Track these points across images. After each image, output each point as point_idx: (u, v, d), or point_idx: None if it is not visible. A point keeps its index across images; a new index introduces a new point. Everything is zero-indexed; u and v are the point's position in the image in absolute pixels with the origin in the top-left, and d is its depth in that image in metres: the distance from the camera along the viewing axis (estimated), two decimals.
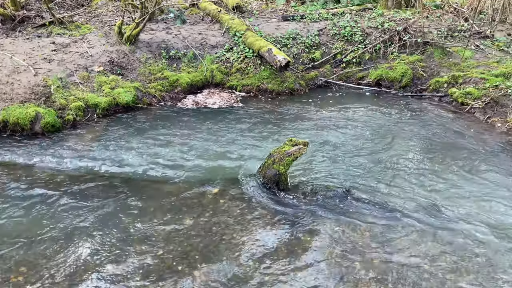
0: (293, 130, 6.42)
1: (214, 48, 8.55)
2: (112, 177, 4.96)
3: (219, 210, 4.39)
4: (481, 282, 3.51)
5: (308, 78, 8.42)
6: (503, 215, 4.37)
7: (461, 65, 8.07)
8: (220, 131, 6.27)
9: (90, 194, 4.60)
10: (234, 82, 8.05)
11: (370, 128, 6.50)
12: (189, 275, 3.52)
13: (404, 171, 5.24)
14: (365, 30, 9.21)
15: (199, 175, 5.04)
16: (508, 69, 7.40)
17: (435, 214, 4.38)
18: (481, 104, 6.95)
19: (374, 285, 3.46)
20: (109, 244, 3.84)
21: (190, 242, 3.89)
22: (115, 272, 3.52)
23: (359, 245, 3.91)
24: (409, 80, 8.19)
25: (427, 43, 8.83)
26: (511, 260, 3.75)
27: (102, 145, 5.70)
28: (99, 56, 7.56)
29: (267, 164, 4.74)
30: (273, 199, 4.57)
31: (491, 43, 8.92)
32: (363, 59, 8.84)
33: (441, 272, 3.61)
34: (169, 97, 7.47)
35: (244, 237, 3.99)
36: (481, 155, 5.66)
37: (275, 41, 8.76)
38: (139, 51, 8.05)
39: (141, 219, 4.19)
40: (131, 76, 7.49)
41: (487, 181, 5.03)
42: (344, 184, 4.90)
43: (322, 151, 5.71)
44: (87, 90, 6.77)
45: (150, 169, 5.13)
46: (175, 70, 8.01)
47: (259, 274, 3.54)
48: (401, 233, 4.09)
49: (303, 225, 4.18)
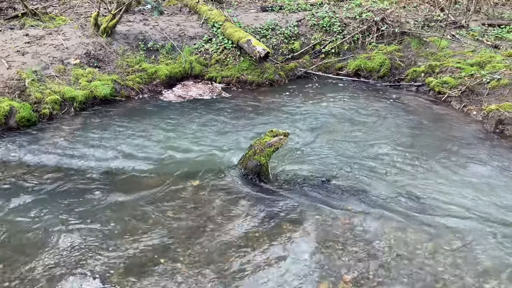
0: (274, 121, 6.43)
1: (193, 39, 8.47)
2: (90, 171, 4.88)
3: (201, 202, 4.38)
4: (459, 267, 3.60)
5: (287, 69, 8.42)
6: (477, 202, 4.49)
7: (438, 55, 8.19)
8: (200, 123, 6.24)
9: (68, 188, 4.53)
10: (213, 73, 8.00)
11: (349, 118, 6.56)
12: (172, 267, 3.51)
13: (383, 160, 5.31)
14: (344, 21, 9.25)
15: (180, 168, 5.00)
16: (482, 58, 7.55)
17: (413, 202, 4.47)
18: (457, 93, 7.08)
19: (355, 273, 3.52)
20: (88, 239, 3.79)
21: (172, 235, 3.88)
22: (96, 267, 3.49)
23: (340, 233, 3.97)
24: (387, 70, 8.29)
25: (404, 33, 8.92)
26: (488, 245, 3.86)
27: (80, 139, 5.61)
28: (75, 49, 7.40)
29: (248, 155, 4.75)
30: (254, 190, 4.59)
31: (466, 33, 9.08)
32: (342, 49, 8.89)
33: (420, 258, 3.69)
34: (147, 89, 7.39)
35: (226, 228, 4.00)
36: (457, 144, 5.78)
37: (254, 32, 8.73)
38: (116, 43, 7.92)
39: (121, 213, 4.15)
40: (108, 68, 7.36)
41: (463, 169, 5.15)
42: (324, 174, 4.94)
43: (303, 141, 5.75)
44: (64, 83, 6.63)
45: (129, 162, 5.07)
46: (153, 62, 7.91)
47: (242, 265, 3.56)
48: (380, 221, 4.16)
49: (285, 215, 4.21)
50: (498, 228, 4.05)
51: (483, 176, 4.98)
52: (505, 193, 4.63)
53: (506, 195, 4.60)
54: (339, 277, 3.46)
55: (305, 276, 3.47)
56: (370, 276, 3.48)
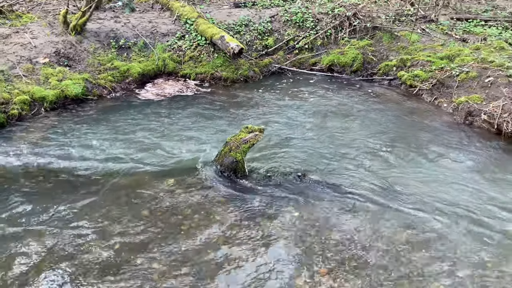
0: (249, 117, 6.43)
1: (165, 36, 8.37)
2: (62, 172, 4.77)
3: (177, 200, 4.34)
4: (434, 255, 3.69)
5: (262, 65, 8.43)
6: (447, 192, 4.60)
7: (409, 49, 8.34)
8: (175, 120, 6.18)
9: (39, 190, 4.42)
10: (187, 70, 7.94)
11: (323, 113, 6.62)
12: (149, 267, 3.48)
13: (357, 153, 5.38)
14: (316, 16, 9.31)
15: (155, 166, 4.95)
16: (451, 51, 7.72)
17: (387, 194, 4.54)
18: (428, 86, 7.22)
19: (332, 265, 3.56)
20: (62, 241, 3.72)
21: (148, 235, 3.84)
22: (71, 269, 3.42)
23: (316, 227, 4.00)
24: (360, 65, 8.39)
25: (376, 27, 9.04)
26: (458, 233, 3.96)
27: (51, 139, 5.47)
28: (43, 47, 7.21)
29: (224, 152, 4.74)
30: (231, 186, 4.58)
31: (435, 27, 9.26)
32: (315, 45, 8.94)
33: (397, 248, 3.76)
34: (120, 87, 7.27)
35: (203, 225, 3.98)
36: (428, 136, 5.91)
37: (228, 28, 8.69)
38: (87, 41, 7.75)
39: (96, 214, 4.07)
40: (79, 67, 7.21)
41: (434, 161, 5.26)
42: (299, 168, 4.97)
43: (278, 136, 5.77)
44: (33, 82, 6.46)
45: (102, 162, 4.98)
46: (126, 60, 7.78)
47: (219, 262, 3.55)
48: (356, 213, 4.22)
49: (262, 210, 4.22)
50: (465, 215, 4.17)
51: (453, 166, 5.11)
52: (473, 183, 4.77)
53: (474, 185, 4.73)
54: (316, 270, 3.50)
55: (282, 271, 3.49)
56: (346, 268, 3.53)
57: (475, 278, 3.46)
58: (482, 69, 6.86)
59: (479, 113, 6.21)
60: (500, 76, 6.56)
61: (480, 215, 4.20)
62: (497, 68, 6.73)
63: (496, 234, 3.95)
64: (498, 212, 4.26)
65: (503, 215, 4.22)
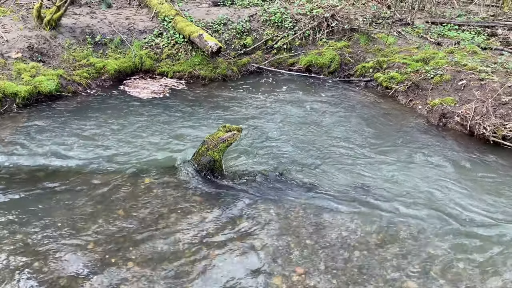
0: (227, 116, 6.41)
1: (143, 33, 8.26)
2: (35, 170, 4.66)
3: (153, 199, 4.29)
4: (407, 253, 3.75)
5: (240, 64, 8.41)
6: (420, 192, 4.69)
7: (385, 51, 8.46)
8: (151, 119, 6.11)
9: (11, 189, 4.29)
10: (164, 68, 7.86)
11: (301, 113, 6.66)
12: (123, 267, 3.43)
13: (334, 153, 5.43)
14: (295, 17, 9.35)
15: (131, 165, 4.88)
16: (426, 54, 7.87)
17: (362, 194, 4.60)
18: (404, 88, 7.35)
19: (308, 265, 3.58)
20: (34, 241, 3.62)
21: (123, 234, 3.78)
22: (43, 270, 3.34)
23: (293, 226, 4.02)
24: (337, 66, 8.46)
25: (353, 29, 9.15)
26: (434, 233, 4.04)
27: (23, 136, 5.33)
28: (16, 42, 7.02)
29: (201, 151, 4.71)
30: (208, 185, 4.56)
31: (411, 30, 9.44)
32: (294, 45, 8.98)
33: (371, 247, 3.81)
34: (95, 84, 7.14)
35: (179, 225, 3.95)
36: (403, 137, 6.01)
37: (206, 27, 8.65)
38: (62, 36, 7.59)
39: (70, 213, 3.99)
40: (53, 63, 7.05)
41: (407, 162, 5.36)
42: (277, 168, 4.99)
43: (256, 136, 5.77)
44: (4, 78, 6.28)
45: (77, 160, 4.88)
46: (102, 56, 7.65)
47: (195, 261, 3.53)
48: (332, 213, 4.26)
49: (239, 210, 4.21)
50: (436, 214, 4.27)
51: (426, 167, 5.21)
52: (445, 183, 4.87)
53: (447, 184, 4.84)
54: (292, 270, 3.51)
55: (259, 270, 3.50)
56: (322, 267, 3.56)
57: (447, 275, 3.53)
58: (456, 72, 7.02)
59: (452, 115, 6.36)
60: (472, 79, 6.72)
61: (450, 213, 4.30)
62: (470, 71, 6.90)
63: (464, 230, 4.05)
64: (468, 209, 4.37)
65: (471, 212, 4.33)
